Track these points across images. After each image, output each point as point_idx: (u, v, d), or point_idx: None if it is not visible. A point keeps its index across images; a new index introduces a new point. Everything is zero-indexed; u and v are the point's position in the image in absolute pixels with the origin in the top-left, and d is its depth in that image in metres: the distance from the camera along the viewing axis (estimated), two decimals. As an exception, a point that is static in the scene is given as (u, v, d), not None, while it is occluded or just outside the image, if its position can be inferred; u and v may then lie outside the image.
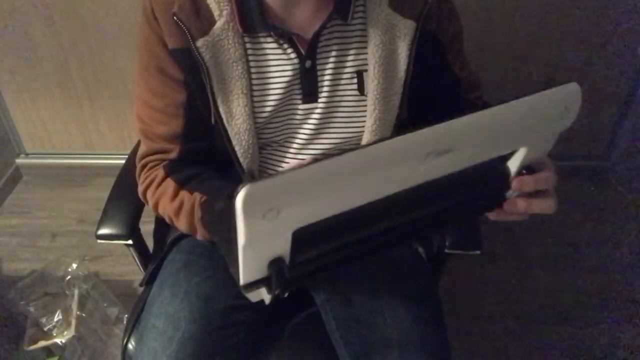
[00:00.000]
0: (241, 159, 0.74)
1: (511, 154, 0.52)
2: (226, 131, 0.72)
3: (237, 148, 0.73)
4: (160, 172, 0.76)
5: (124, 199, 0.89)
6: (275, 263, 0.44)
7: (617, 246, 1.66)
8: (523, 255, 1.62)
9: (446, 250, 0.84)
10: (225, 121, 0.71)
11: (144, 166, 0.78)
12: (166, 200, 0.74)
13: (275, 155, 0.79)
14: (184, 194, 0.73)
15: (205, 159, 0.77)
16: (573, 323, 1.45)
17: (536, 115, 0.48)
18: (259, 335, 0.83)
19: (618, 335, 1.42)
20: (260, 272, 0.45)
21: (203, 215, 0.70)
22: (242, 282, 0.45)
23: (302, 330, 0.84)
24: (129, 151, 0.98)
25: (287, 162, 0.78)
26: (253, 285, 0.46)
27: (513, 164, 0.53)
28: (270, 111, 0.73)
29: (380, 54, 0.70)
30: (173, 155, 0.76)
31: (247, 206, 0.36)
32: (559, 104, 0.48)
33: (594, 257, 1.63)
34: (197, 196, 0.72)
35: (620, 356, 1.38)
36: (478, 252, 0.83)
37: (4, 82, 1.76)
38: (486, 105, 0.44)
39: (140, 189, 0.79)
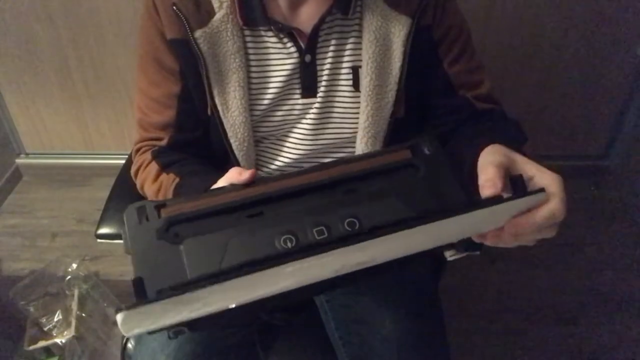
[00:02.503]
0: (236, 152, 0.74)
1: None
2: (222, 123, 0.72)
3: (232, 140, 0.73)
4: (148, 156, 0.77)
5: (124, 198, 0.89)
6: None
7: (617, 246, 1.66)
8: (523, 255, 1.62)
9: (446, 251, 0.83)
10: (221, 113, 0.71)
11: (137, 150, 0.80)
12: (149, 183, 0.75)
13: (272, 149, 0.79)
14: (163, 177, 0.74)
15: (195, 150, 0.78)
16: (573, 323, 1.45)
17: (503, 218, 0.47)
18: (258, 336, 0.83)
19: (619, 335, 1.41)
20: None
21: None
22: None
23: (302, 330, 0.84)
24: (129, 151, 0.97)
25: (284, 157, 0.78)
26: None
27: None
28: (267, 104, 0.73)
29: (374, 49, 0.69)
30: (163, 142, 0.77)
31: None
32: (526, 206, 0.46)
33: (594, 257, 1.63)
34: (172, 178, 0.72)
35: (621, 356, 1.38)
36: (478, 252, 0.82)
37: (3, 82, 1.76)
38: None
39: (132, 169, 0.81)
